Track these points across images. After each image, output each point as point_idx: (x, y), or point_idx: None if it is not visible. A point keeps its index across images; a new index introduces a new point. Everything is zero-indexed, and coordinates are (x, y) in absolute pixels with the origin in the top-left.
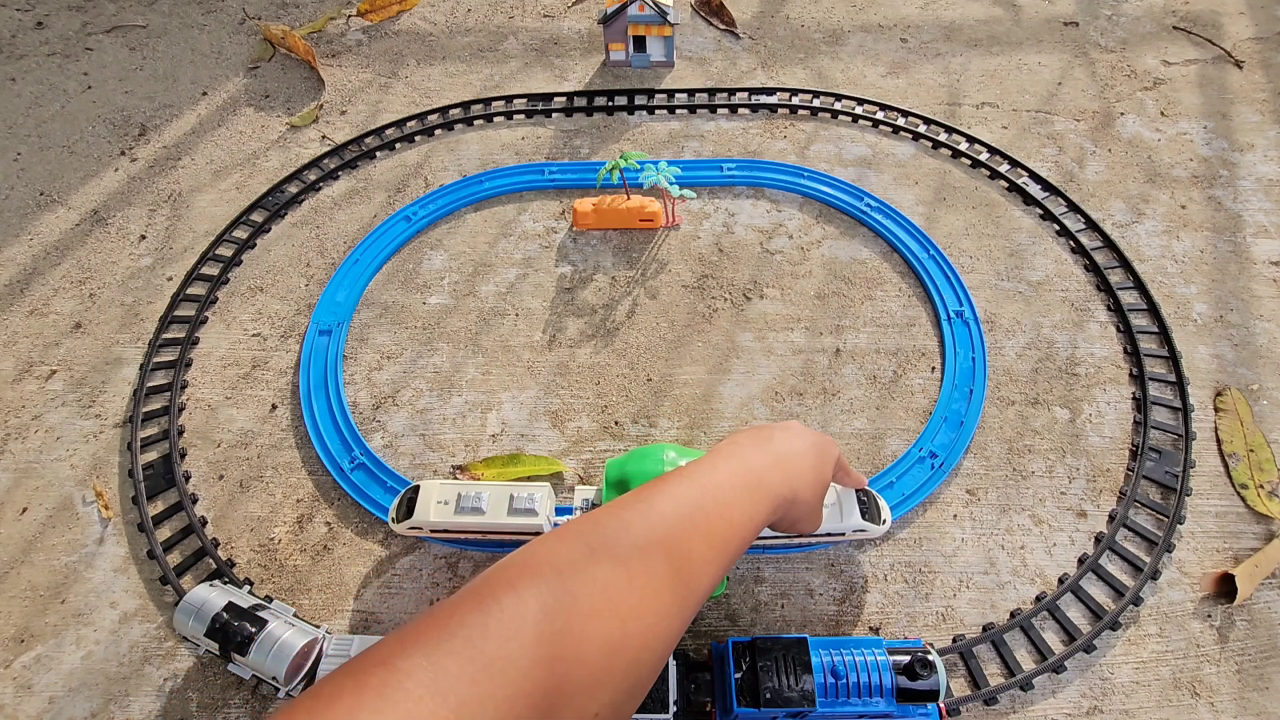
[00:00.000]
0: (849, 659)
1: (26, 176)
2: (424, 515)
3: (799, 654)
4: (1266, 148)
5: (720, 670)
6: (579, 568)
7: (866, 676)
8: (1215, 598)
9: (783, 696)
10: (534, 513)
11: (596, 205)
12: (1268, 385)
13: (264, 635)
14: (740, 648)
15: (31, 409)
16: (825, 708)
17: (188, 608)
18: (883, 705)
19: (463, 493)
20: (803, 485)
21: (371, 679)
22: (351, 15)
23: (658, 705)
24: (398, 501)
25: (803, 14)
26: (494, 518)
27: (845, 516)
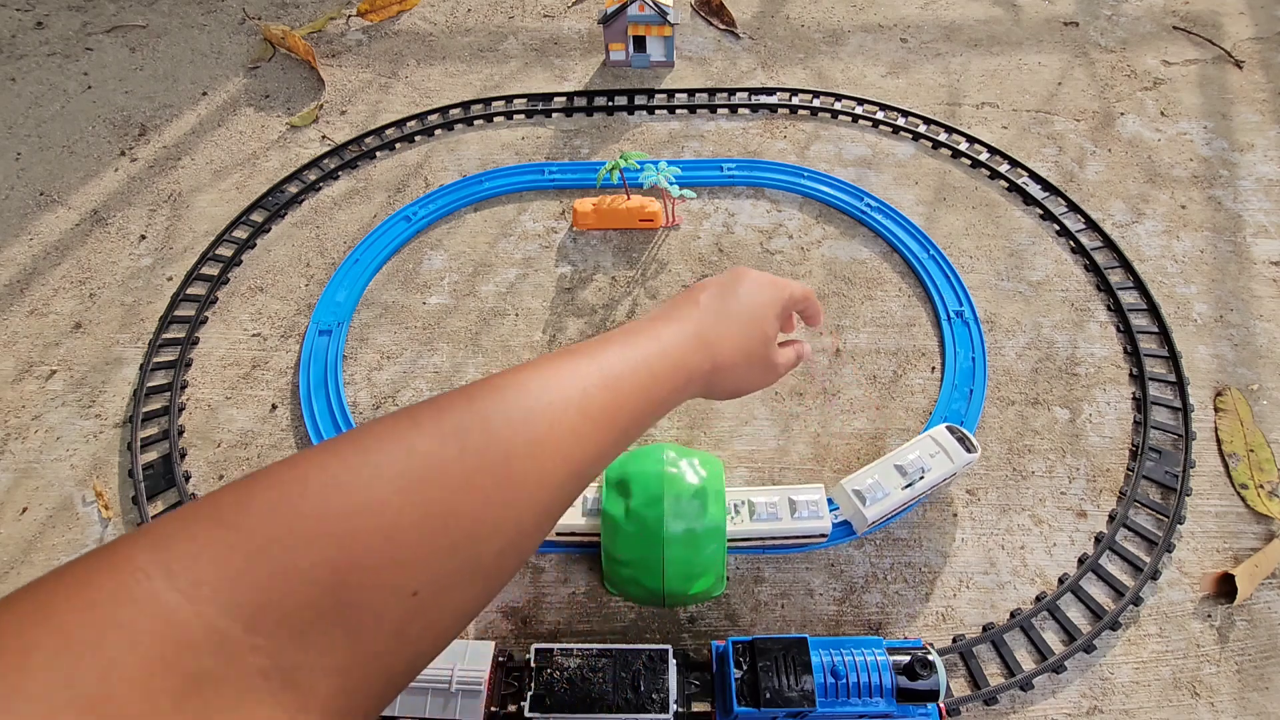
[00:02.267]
0: (849, 659)
1: (26, 176)
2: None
3: (799, 654)
4: (1266, 148)
5: (720, 670)
6: (397, 434)
7: (866, 676)
8: (1215, 598)
9: (783, 696)
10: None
11: (596, 205)
12: (1268, 385)
13: None
14: (740, 647)
15: (31, 409)
16: (825, 708)
17: None
18: (883, 705)
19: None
20: (726, 353)
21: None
22: (351, 15)
23: (658, 706)
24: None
25: (803, 14)
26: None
27: (954, 458)
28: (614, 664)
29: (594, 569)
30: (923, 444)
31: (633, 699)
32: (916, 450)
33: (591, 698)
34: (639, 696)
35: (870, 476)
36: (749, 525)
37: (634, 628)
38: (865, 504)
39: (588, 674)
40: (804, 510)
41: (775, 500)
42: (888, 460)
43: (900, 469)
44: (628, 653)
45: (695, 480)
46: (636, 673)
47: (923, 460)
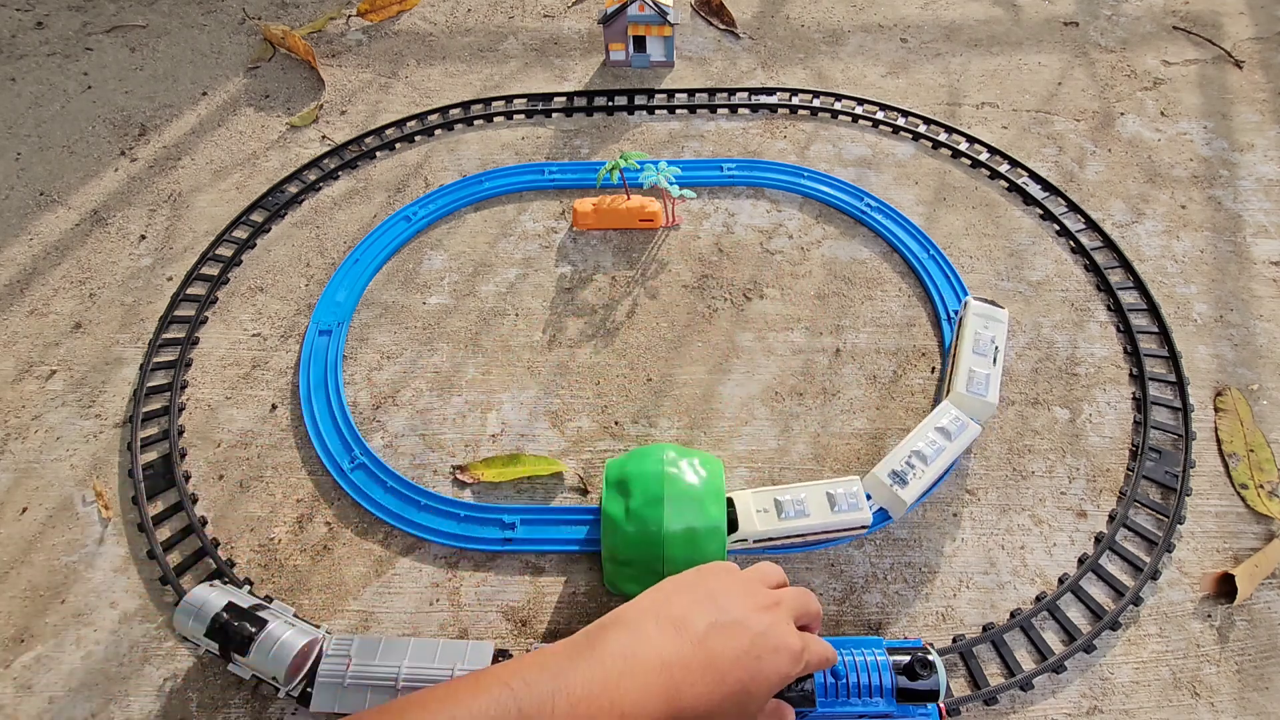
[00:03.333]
0: (849, 659)
1: (26, 176)
2: (749, 527)
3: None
4: (1266, 148)
5: None
6: None
7: (866, 676)
8: (1215, 598)
9: (782, 696)
10: (858, 508)
11: (596, 205)
12: (1268, 385)
13: (264, 635)
14: None
15: (31, 409)
16: (825, 708)
17: (188, 608)
18: (883, 705)
19: (780, 498)
20: (690, 702)
21: None
22: (351, 15)
23: None
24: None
25: (803, 14)
26: (820, 519)
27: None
28: None
29: (594, 569)
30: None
31: None
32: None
33: None
34: None
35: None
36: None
37: None
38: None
39: None
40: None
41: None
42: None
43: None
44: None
45: (695, 480)
46: None
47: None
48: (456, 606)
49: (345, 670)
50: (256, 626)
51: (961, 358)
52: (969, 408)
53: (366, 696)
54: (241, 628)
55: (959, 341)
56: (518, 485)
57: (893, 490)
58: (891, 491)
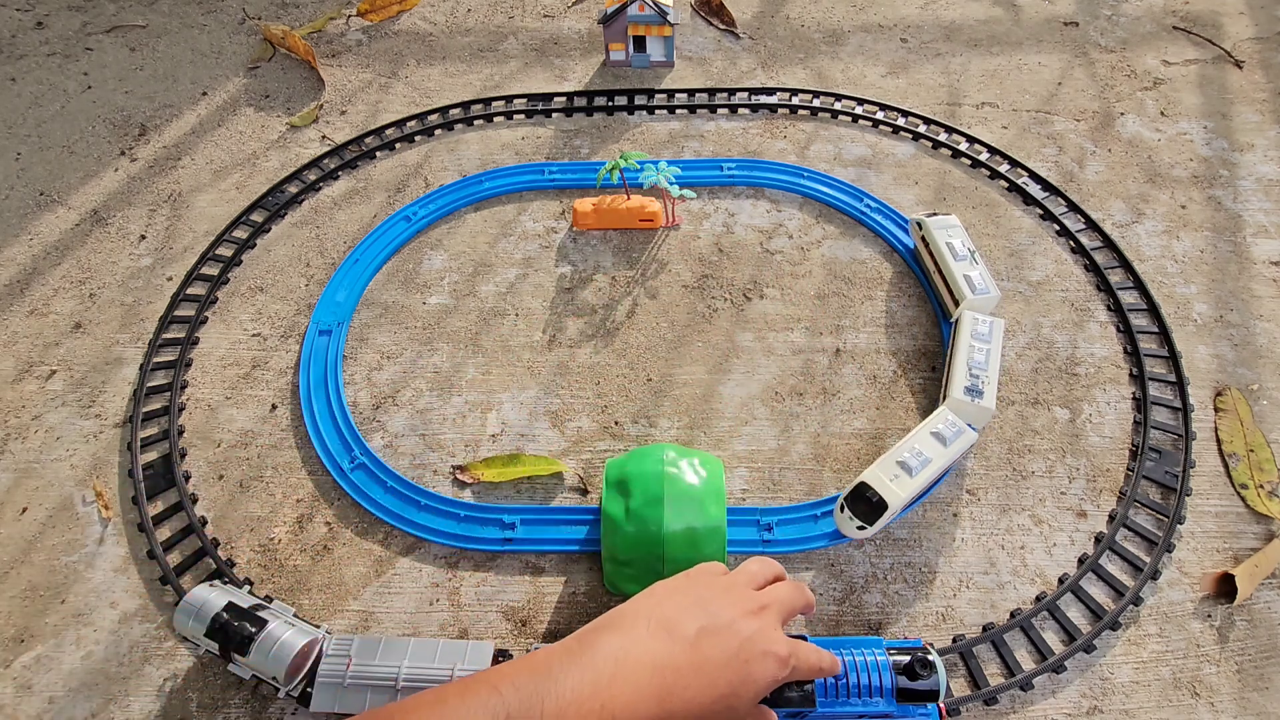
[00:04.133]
0: (848, 659)
1: (26, 176)
2: (894, 498)
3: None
4: (1266, 148)
5: None
6: None
7: (866, 677)
8: (1215, 598)
9: (783, 696)
10: (963, 431)
11: (596, 205)
12: (1268, 385)
13: (264, 635)
14: None
15: (31, 409)
16: (825, 708)
17: (188, 608)
18: (883, 705)
19: (901, 459)
20: (681, 705)
21: None
22: (351, 15)
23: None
24: (850, 505)
25: (803, 14)
26: (942, 458)
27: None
28: None
29: (594, 569)
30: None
31: None
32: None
33: None
34: None
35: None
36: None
37: None
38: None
39: None
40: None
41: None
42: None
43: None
44: None
45: (695, 480)
46: None
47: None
48: (456, 606)
49: (345, 670)
50: (256, 626)
51: (952, 269)
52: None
53: (366, 697)
54: (241, 628)
55: (934, 256)
56: (518, 485)
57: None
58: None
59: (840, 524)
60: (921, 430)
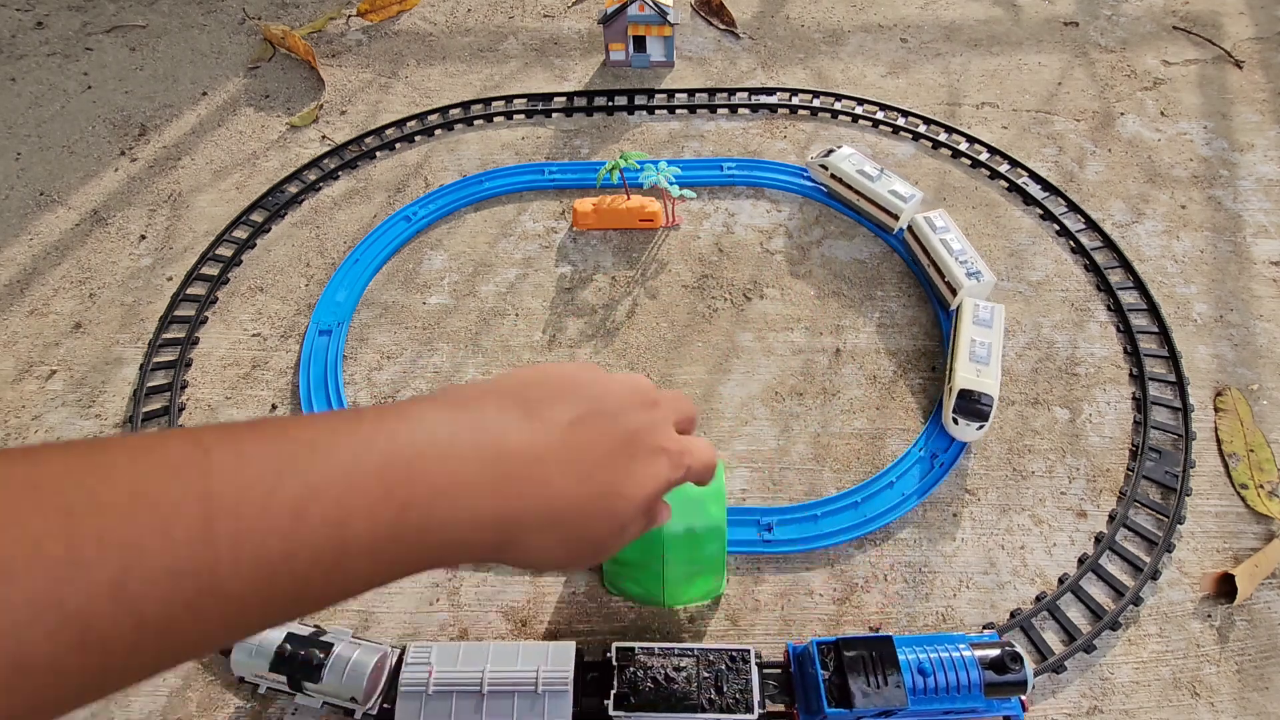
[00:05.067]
0: (935, 657)
1: (26, 176)
2: (992, 388)
3: (885, 653)
4: (1266, 148)
5: (801, 671)
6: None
7: (954, 675)
8: (1215, 598)
9: (876, 697)
10: (992, 308)
11: (596, 205)
12: (1268, 385)
13: (333, 659)
14: (825, 648)
15: (31, 409)
16: (916, 705)
17: (245, 646)
18: (970, 701)
19: (971, 356)
20: (542, 503)
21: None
22: (351, 15)
23: (743, 707)
24: (962, 415)
25: (803, 14)
26: (997, 339)
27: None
28: (696, 664)
29: (594, 569)
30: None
31: (716, 700)
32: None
33: (675, 697)
34: (722, 697)
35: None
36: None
37: (634, 628)
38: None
39: (671, 673)
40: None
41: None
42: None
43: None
44: (709, 653)
45: None
46: (719, 673)
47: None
48: (456, 607)
49: (428, 679)
50: (323, 651)
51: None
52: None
53: (452, 703)
54: (310, 655)
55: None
56: None
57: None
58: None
59: (960, 434)
60: (964, 331)
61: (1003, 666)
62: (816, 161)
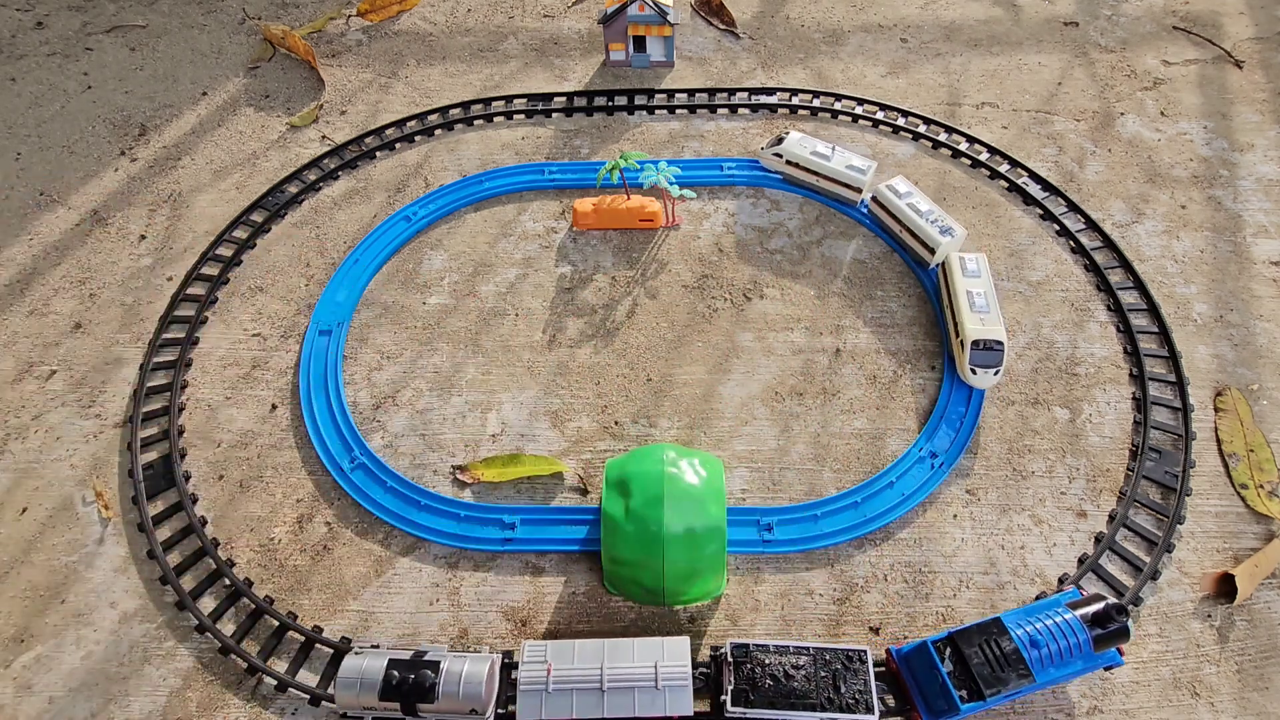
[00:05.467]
0: (1043, 626)
1: (26, 176)
2: (1000, 333)
3: (998, 635)
4: (1266, 148)
5: (915, 672)
6: None
7: (1065, 639)
8: (1215, 598)
9: (1003, 681)
10: (977, 256)
11: (596, 205)
12: (1268, 385)
13: (445, 677)
14: (940, 644)
15: (31, 409)
16: (1043, 679)
17: (348, 681)
18: (1083, 662)
19: (973, 309)
20: None
21: None
22: (351, 15)
23: (863, 707)
24: (979, 365)
25: (803, 14)
26: (990, 286)
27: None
28: (812, 662)
29: (594, 569)
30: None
31: (835, 699)
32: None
33: (794, 695)
34: (840, 697)
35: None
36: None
37: (634, 628)
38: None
39: (789, 670)
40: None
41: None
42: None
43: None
44: (824, 651)
45: (695, 480)
46: (835, 672)
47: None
48: (456, 606)
49: (547, 677)
50: (433, 670)
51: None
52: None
53: (572, 699)
54: (422, 677)
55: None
56: (518, 485)
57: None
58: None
59: (980, 383)
60: (958, 285)
61: (1107, 619)
62: (768, 151)
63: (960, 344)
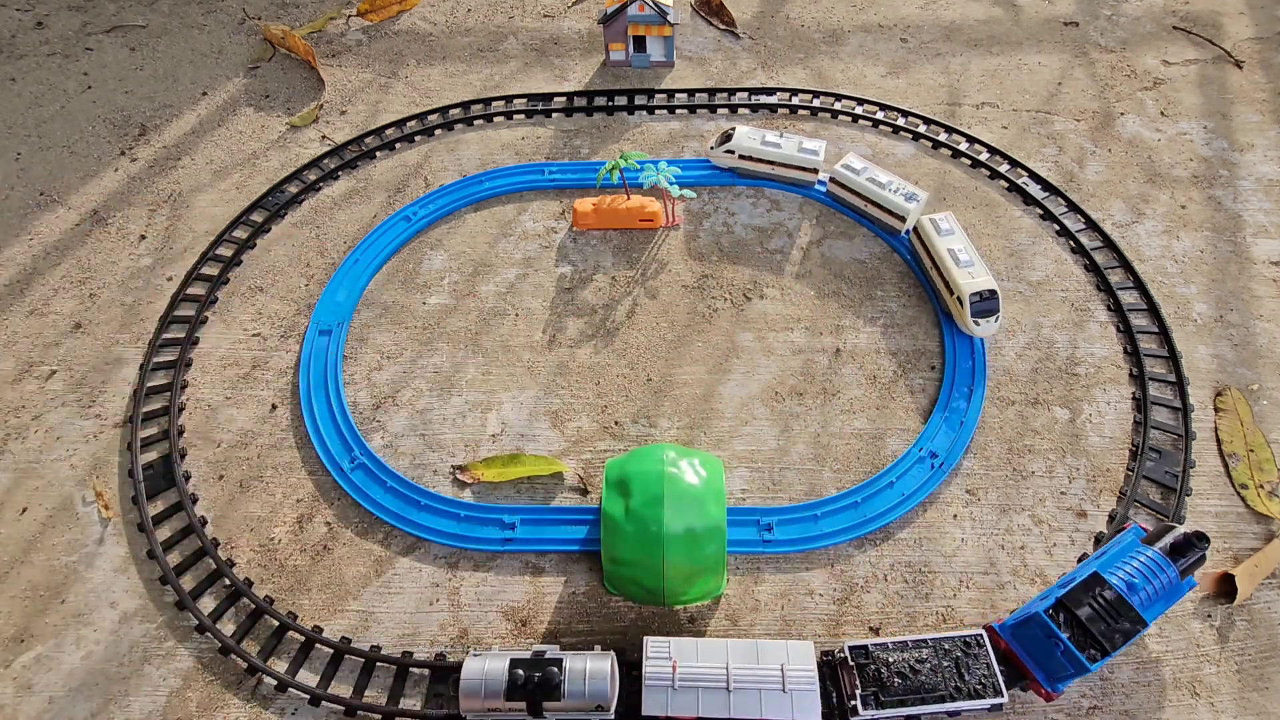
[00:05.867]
0: (1134, 569)
1: (26, 176)
2: (990, 283)
3: (1101, 588)
4: (1266, 148)
5: (1027, 644)
6: None
7: (1156, 578)
8: (1215, 598)
9: (1122, 633)
10: (946, 216)
11: (596, 205)
12: (1268, 385)
13: (569, 674)
14: (1051, 612)
15: (31, 409)
16: (1152, 618)
17: (471, 685)
18: (1175, 594)
19: (960, 264)
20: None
21: None
22: (351, 15)
23: (991, 690)
24: (980, 315)
25: (803, 14)
26: (968, 241)
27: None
28: (934, 654)
29: (594, 569)
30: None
31: (962, 687)
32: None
33: (924, 690)
34: (966, 683)
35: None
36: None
37: (634, 628)
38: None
39: (913, 665)
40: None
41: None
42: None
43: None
44: (943, 641)
45: (695, 480)
46: (957, 660)
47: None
48: (456, 606)
49: (672, 673)
50: (558, 669)
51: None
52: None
53: (698, 696)
54: (548, 675)
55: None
56: (518, 485)
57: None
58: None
59: (982, 332)
60: (939, 245)
61: (1188, 548)
62: (719, 150)
63: (957, 300)
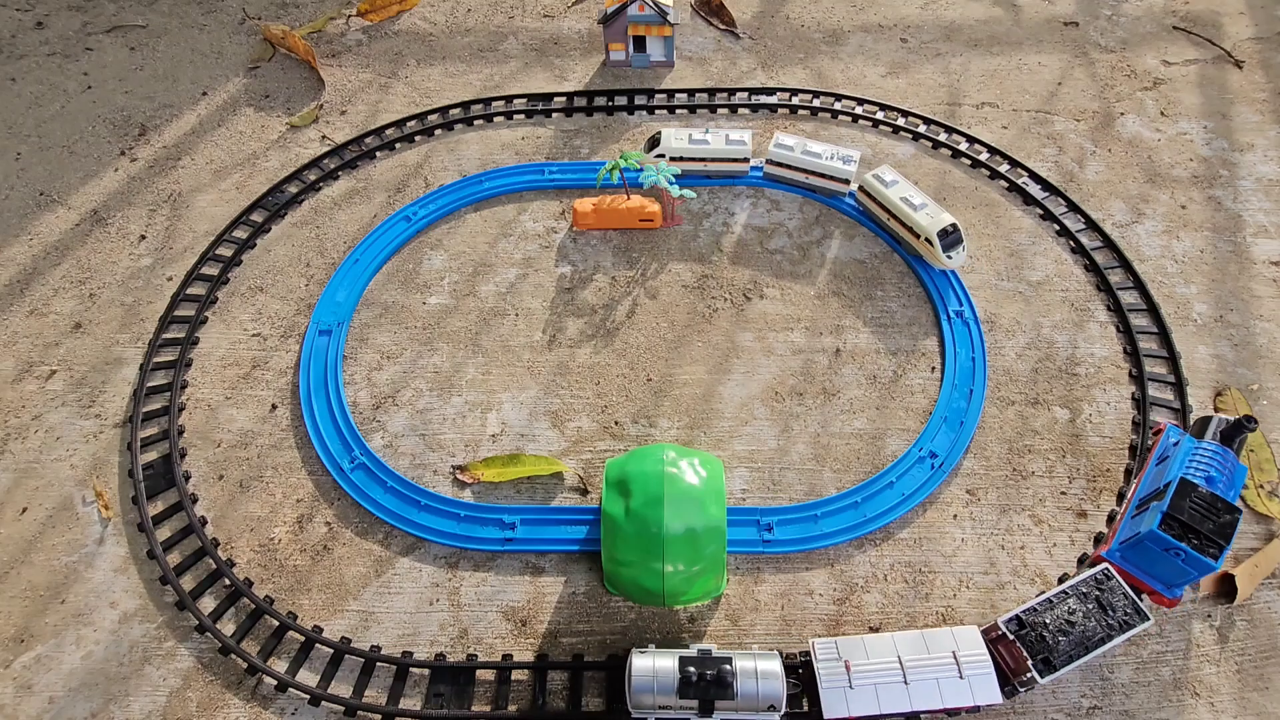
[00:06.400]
0: (1205, 463)
1: (26, 176)
2: (950, 218)
3: (1193, 491)
4: (1266, 148)
5: (1142, 562)
6: None
7: (1224, 467)
8: (1215, 598)
9: (1230, 525)
10: (888, 169)
11: (596, 205)
12: (1268, 385)
13: (740, 673)
14: (1166, 527)
15: (31, 409)
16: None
17: (643, 683)
18: (1240, 478)
19: (917, 207)
20: None
21: None
22: (351, 15)
23: (1139, 616)
24: (948, 249)
25: (803, 14)
26: (915, 188)
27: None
28: (1080, 601)
29: (594, 569)
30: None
31: (1113, 622)
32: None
33: (1086, 638)
34: (1114, 617)
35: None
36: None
37: (634, 627)
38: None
39: (1068, 619)
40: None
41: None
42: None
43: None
44: (1079, 585)
45: (695, 480)
46: (1099, 598)
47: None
48: (456, 606)
49: (846, 673)
50: (730, 667)
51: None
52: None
53: (876, 691)
54: (721, 674)
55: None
56: (518, 485)
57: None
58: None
59: (953, 263)
60: (889, 196)
61: (1239, 430)
62: (649, 156)
63: (926, 241)
